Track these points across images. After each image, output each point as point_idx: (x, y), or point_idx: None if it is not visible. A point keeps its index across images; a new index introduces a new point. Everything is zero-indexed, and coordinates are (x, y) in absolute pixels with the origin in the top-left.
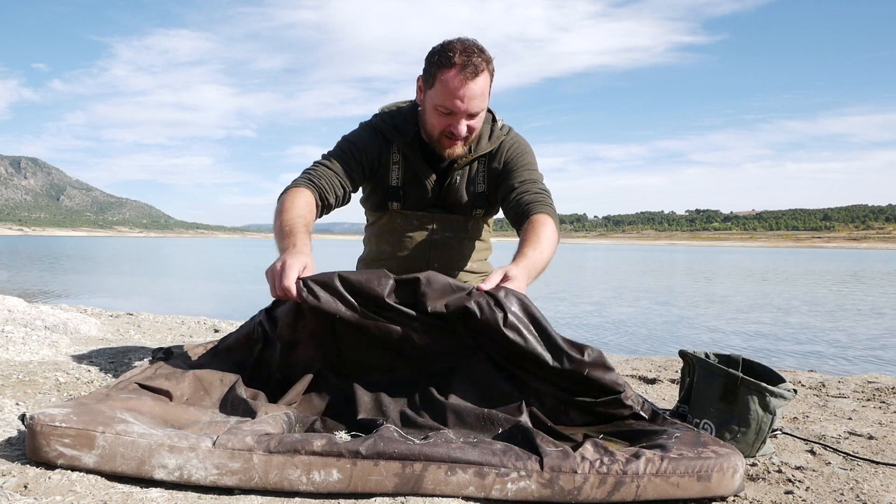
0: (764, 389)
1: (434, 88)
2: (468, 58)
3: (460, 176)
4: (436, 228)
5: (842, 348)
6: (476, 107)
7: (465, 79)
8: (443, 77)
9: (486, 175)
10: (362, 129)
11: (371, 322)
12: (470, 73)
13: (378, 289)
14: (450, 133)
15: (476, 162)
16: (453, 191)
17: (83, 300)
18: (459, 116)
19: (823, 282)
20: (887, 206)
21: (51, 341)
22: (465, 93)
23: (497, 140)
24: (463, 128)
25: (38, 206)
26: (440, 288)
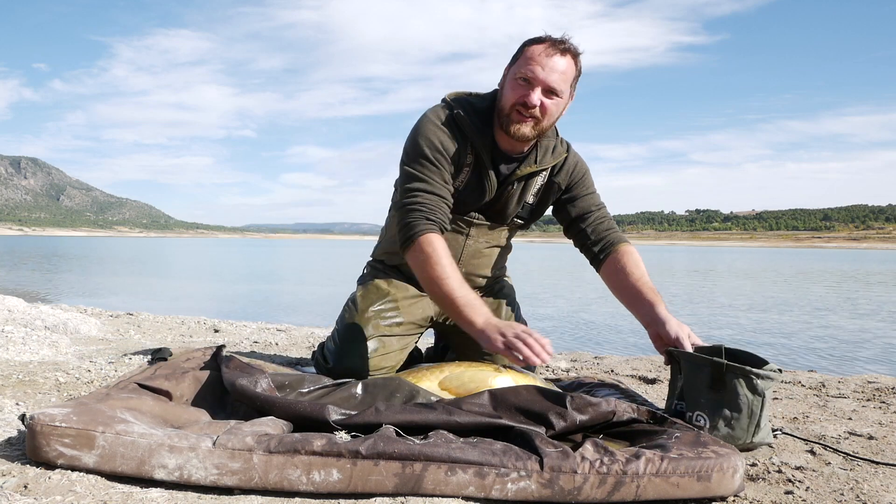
0: (749, 373)
1: (518, 61)
2: (559, 40)
3: (517, 185)
4: (471, 235)
5: (842, 348)
6: (555, 82)
7: (551, 51)
8: (529, 48)
9: (544, 188)
10: (440, 126)
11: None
12: (557, 47)
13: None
14: (523, 104)
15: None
16: (505, 200)
17: (83, 300)
18: (536, 84)
19: (823, 282)
20: (887, 206)
21: (51, 341)
22: (547, 62)
23: (560, 155)
24: (536, 97)
25: (38, 206)
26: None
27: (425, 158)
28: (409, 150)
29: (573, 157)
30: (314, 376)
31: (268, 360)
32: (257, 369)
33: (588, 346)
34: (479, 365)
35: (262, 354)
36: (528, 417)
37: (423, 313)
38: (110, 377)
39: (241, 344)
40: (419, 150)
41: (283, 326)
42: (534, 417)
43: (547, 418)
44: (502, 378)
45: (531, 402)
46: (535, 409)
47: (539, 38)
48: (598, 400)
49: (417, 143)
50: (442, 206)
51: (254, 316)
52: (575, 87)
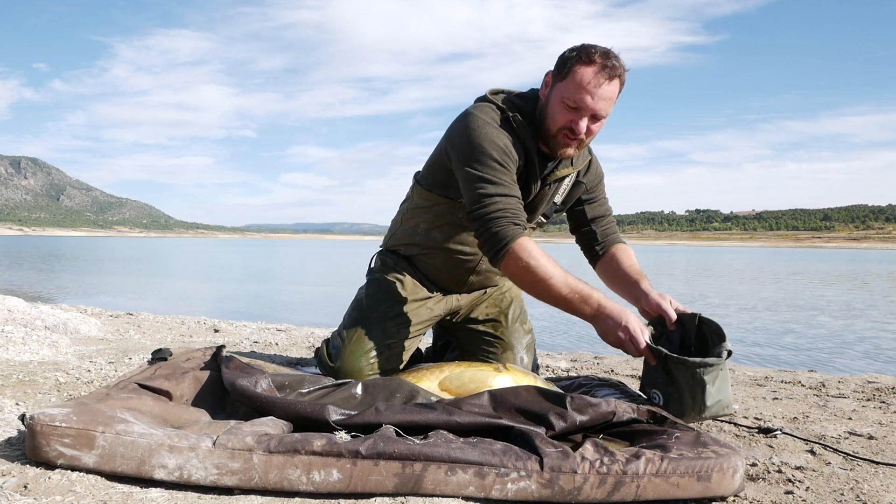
0: (685, 362)
1: (566, 81)
2: (608, 59)
3: (553, 187)
4: None
5: (842, 348)
6: (603, 109)
7: (602, 77)
8: (579, 70)
9: (570, 188)
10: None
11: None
12: (608, 73)
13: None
14: (570, 129)
15: (569, 175)
16: (539, 199)
17: (83, 300)
18: (584, 113)
19: (823, 281)
20: (887, 206)
21: (51, 341)
22: (597, 90)
23: (587, 157)
24: (584, 126)
25: (38, 206)
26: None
27: (494, 161)
28: (473, 152)
29: (596, 160)
30: (314, 377)
31: (268, 360)
32: (257, 370)
33: (588, 346)
34: (479, 365)
35: (262, 354)
36: (527, 418)
37: (431, 314)
38: (110, 377)
39: (241, 344)
40: (486, 151)
41: (283, 326)
42: (534, 418)
43: (547, 419)
44: (502, 378)
45: (531, 402)
46: (534, 410)
47: (589, 58)
48: (598, 400)
49: (482, 146)
50: (520, 208)
51: (254, 316)
52: (619, 95)
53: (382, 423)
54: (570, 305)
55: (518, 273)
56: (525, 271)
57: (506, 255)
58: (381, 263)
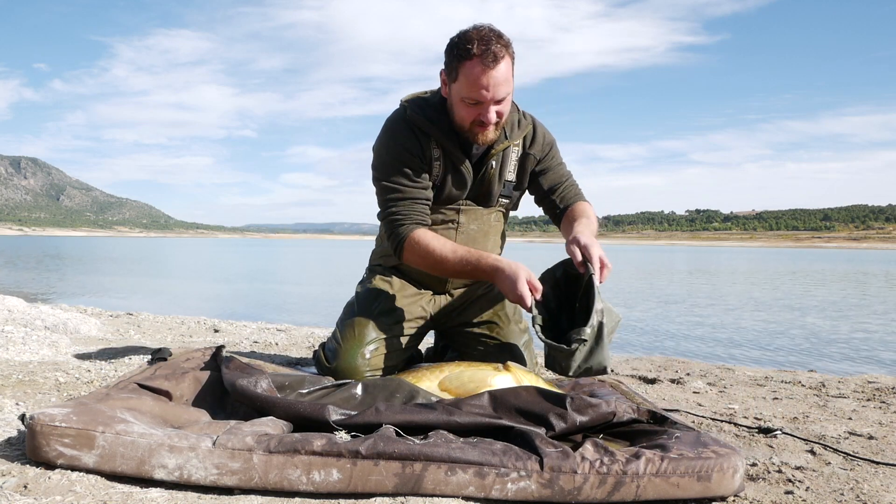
0: (542, 341)
1: (458, 81)
2: (486, 46)
3: (495, 162)
4: (462, 222)
5: (842, 348)
6: (502, 92)
7: (486, 67)
8: (465, 69)
9: (520, 163)
10: (396, 129)
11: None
12: (490, 61)
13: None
14: (480, 122)
15: (509, 149)
16: (488, 179)
17: (83, 300)
18: (487, 105)
19: (823, 281)
20: (887, 206)
21: (51, 341)
22: (488, 81)
23: (526, 126)
24: (492, 115)
25: (38, 206)
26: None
27: (391, 168)
28: (377, 165)
29: (541, 128)
30: (314, 377)
31: (268, 360)
32: (257, 370)
33: None
34: (479, 365)
35: (262, 354)
36: (528, 419)
37: (423, 311)
38: (110, 377)
39: (241, 344)
40: (384, 161)
41: (283, 326)
42: (534, 419)
43: (547, 420)
44: (502, 377)
45: (531, 403)
46: (535, 411)
47: (467, 51)
48: (598, 401)
49: (382, 155)
50: (417, 207)
51: (254, 316)
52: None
53: (382, 423)
54: (469, 274)
55: (416, 261)
56: (421, 258)
57: (403, 250)
58: (370, 272)
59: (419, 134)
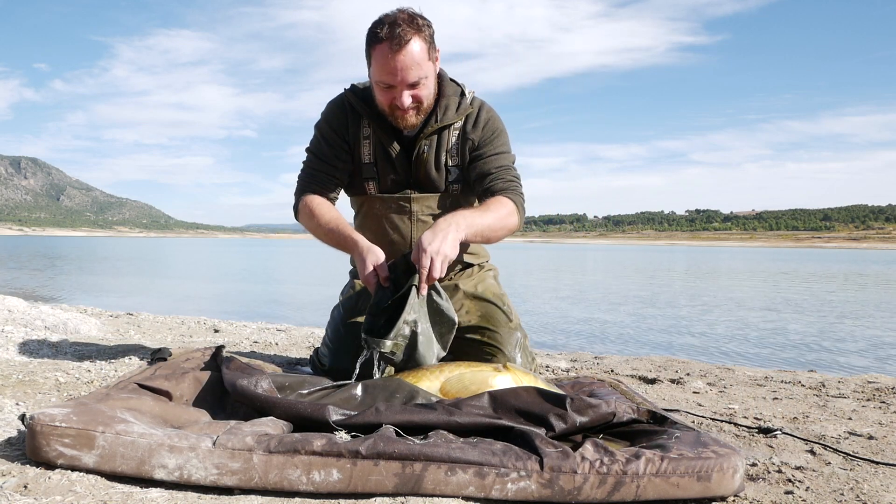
0: (366, 339)
1: (372, 66)
2: (393, 30)
3: (428, 146)
4: (415, 209)
5: (842, 348)
6: (413, 76)
7: (393, 51)
8: (375, 53)
9: (460, 147)
10: (331, 106)
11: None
12: (396, 44)
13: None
14: (395, 106)
15: (446, 132)
16: (423, 163)
17: (83, 300)
18: (400, 89)
19: (823, 282)
20: (887, 206)
21: (51, 341)
22: (396, 65)
23: (464, 112)
24: (406, 99)
25: (38, 206)
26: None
27: (314, 138)
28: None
29: (486, 113)
30: (314, 378)
31: (268, 360)
32: (258, 370)
33: (588, 346)
34: (479, 365)
35: (262, 354)
36: (528, 419)
37: None
38: (110, 377)
39: (241, 344)
40: (313, 135)
41: (283, 326)
42: (534, 419)
43: (547, 420)
44: (502, 378)
45: (531, 404)
46: (535, 412)
47: (377, 37)
48: (598, 401)
49: (314, 130)
50: (319, 176)
51: (254, 316)
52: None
53: (382, 423)
54: (336, 242)
55: (305, 223)
56: (306, 221)
57: (297, 212)
58: (351, 276)
59: (350, 113)
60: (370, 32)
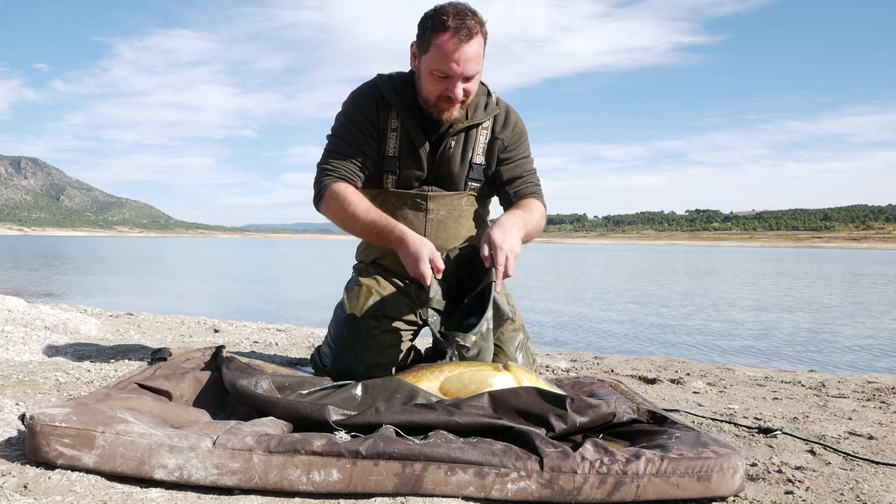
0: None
1: (429, 53)
2: (462, 21)
3: (455, 142)
4: (431, 208)
5: (842, 348)
6: (471, 69)
7: (460, 41)
8: (437, 41)
9: (487, 147)
10: (361, 92)
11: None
12: (464, 35)
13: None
14: (447, 97)
15: (474, 131)
16: (447, 160)
17: (83, 300)
18: (455, 80)
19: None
20: (887, 206)
21: (51, 341)
22: (460, 56)
23: (492, 111)
24: (459, 91)
25: (38, 206)
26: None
27: (341, 124)
28: (333, 124)
29: (514, 115)
30: (315, 378)
31: (268, 360)
32: (258, 370)
33: (588, 346)
34: (479, 365)
35: (262, 354)
36: (528, 420)
37: (410, 306)
38: (110, 377)
39: (241, 344)
40: (338, 117)
41: (283, 326)
42: (534, 420)
43: (547, 420)
44: (502, 378)
45: (531, 404)
46: (535, 412)
47: (443, 24)
48: (598, 402)
49: (339, 115)
50: (348, 165)
51: (254, 316)
52: (485, 47)
53: (382, 423)
54: (375, 236)
55: (330, 214)
56: (334, 212)
57: (322, 200)
58: (355, 272)
59: (380, 102)
60: (434, 20)
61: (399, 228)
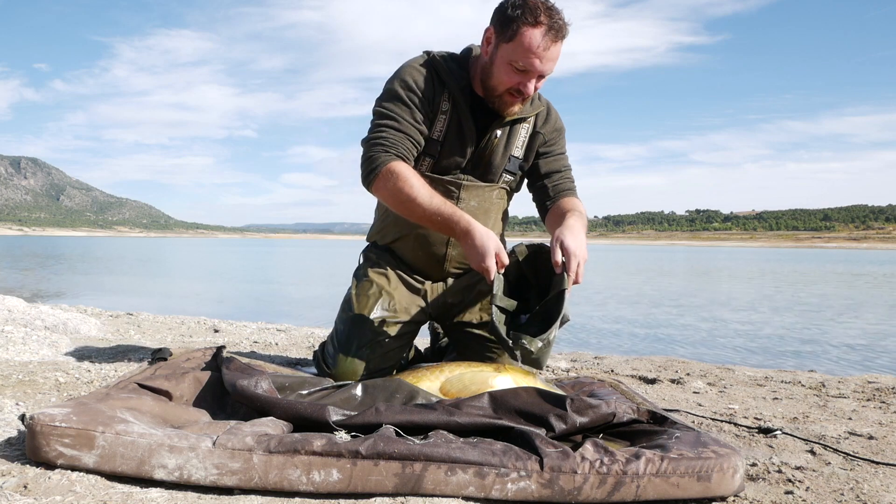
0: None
1: (513, 43)
2: (554, 19)
3: (501, 133)
4: (463, 197)
5: (842, 348)
6: (550, 69)
7: (551, 40)
8: (527, 34)
9: (528, 141)
10: (416, 68)
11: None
12: (555, 35)
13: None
14: (517, 90)
15: (518, 125)
16: (490, 150)
17: (83, 300)
18: (532, 75)
19: (823, 282)
20: (887, 206)
21: (51, 341)
22: (545, 53)
23: (537, 107)
24: (532, 87)
25: (38, 206)
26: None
27: (396, 97)
28: (383, 91)
29: (554, 111)
30: (315, 378)
31: (268, 360)
32: (258, 370)
33: (588, 347)
34: (479, 365)
35: (262, 354)
36: (528, 420)
37: (419, 307)
38: (110, 377)
39: (241, 344)
40: (391, 89)
41: (283, 326)
42: (534, 420)
43: (547, 421)
44: (502, 378)
45: (531, 404)
46: (535, 412)
47: (536, 18)
48: (598, 402)
49: (391, 83)
50: (406, 142)
51: (254, 316)
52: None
53: (382, 423)
54: (437, 224)
55: (386, 194)
56: (392, 192)
57: (376, 178)
58: (365, 260)
59: (435, 80)
60: (526, 10)
61: (465, 219)
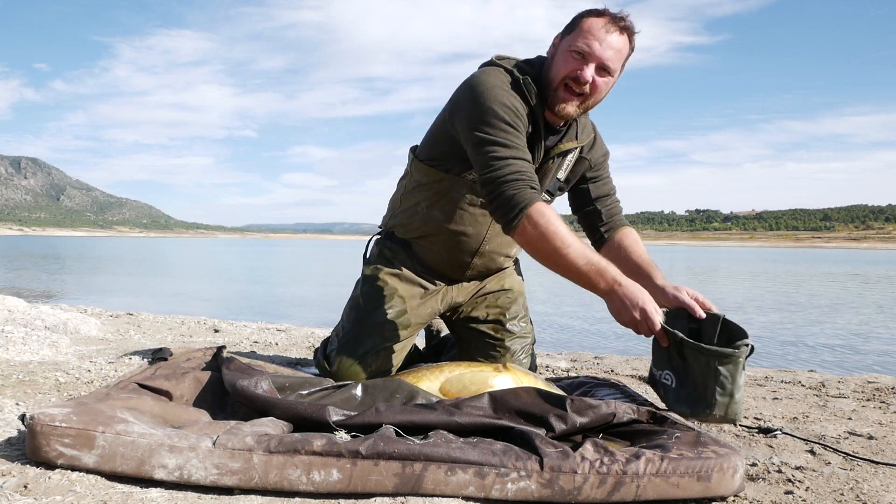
0: (701, 348)
1: (573, 33)
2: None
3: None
4: None
5: (842, 348)
6: (610, 59)
7: (610, 27)
8: (588, 20)
9: (574, 165)
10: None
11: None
12: (617, 24)
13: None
14: (574, 77)
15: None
16: (542, 174)
17: (83, 300)
18: (591, 60)
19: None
20: (887, 206)
21: (51, 341)
22: (604, 38)
23: (590, 132)
24: (589, 74)
25: (38, 206)
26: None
27: (504, 122)
28: (482, 115)
29: (600, 136)
30: (315, 378)
31: (268, 360)
32: (258, 371)
33: (588, 347)
34: (479, 365)
35: (262, 354)
36: (528, 420)
37: (430, 312)
38: (110, 377)
39: (241, 344)
40: (496, 113)
41: (283, 326)
42: (534, 420)
43: (547, 421)
44: (502, 378)
45: (531, 404)
46: (535, 412)
47: (598, 11)
48: (598, 402)
49: (492, 108)
50: (534, 172)
51: (254, 316)
52: (625, 66)
53: (382, 423)
54: (585, 278)
55: (533, 240)
56: (541, 238)
57: (521, 221)
58: (379, 254)
59: (522, 100)
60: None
61: (613, 270)
